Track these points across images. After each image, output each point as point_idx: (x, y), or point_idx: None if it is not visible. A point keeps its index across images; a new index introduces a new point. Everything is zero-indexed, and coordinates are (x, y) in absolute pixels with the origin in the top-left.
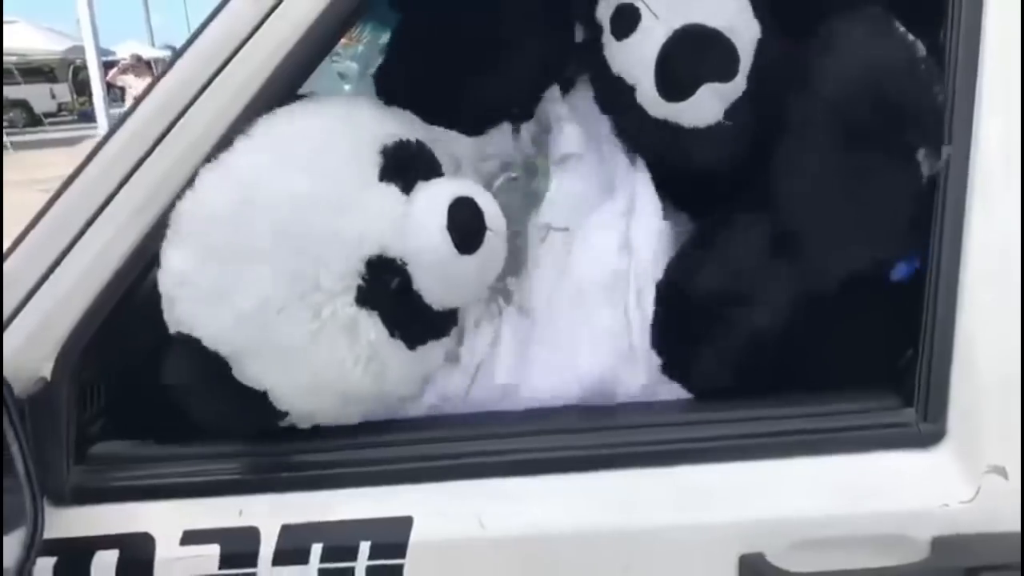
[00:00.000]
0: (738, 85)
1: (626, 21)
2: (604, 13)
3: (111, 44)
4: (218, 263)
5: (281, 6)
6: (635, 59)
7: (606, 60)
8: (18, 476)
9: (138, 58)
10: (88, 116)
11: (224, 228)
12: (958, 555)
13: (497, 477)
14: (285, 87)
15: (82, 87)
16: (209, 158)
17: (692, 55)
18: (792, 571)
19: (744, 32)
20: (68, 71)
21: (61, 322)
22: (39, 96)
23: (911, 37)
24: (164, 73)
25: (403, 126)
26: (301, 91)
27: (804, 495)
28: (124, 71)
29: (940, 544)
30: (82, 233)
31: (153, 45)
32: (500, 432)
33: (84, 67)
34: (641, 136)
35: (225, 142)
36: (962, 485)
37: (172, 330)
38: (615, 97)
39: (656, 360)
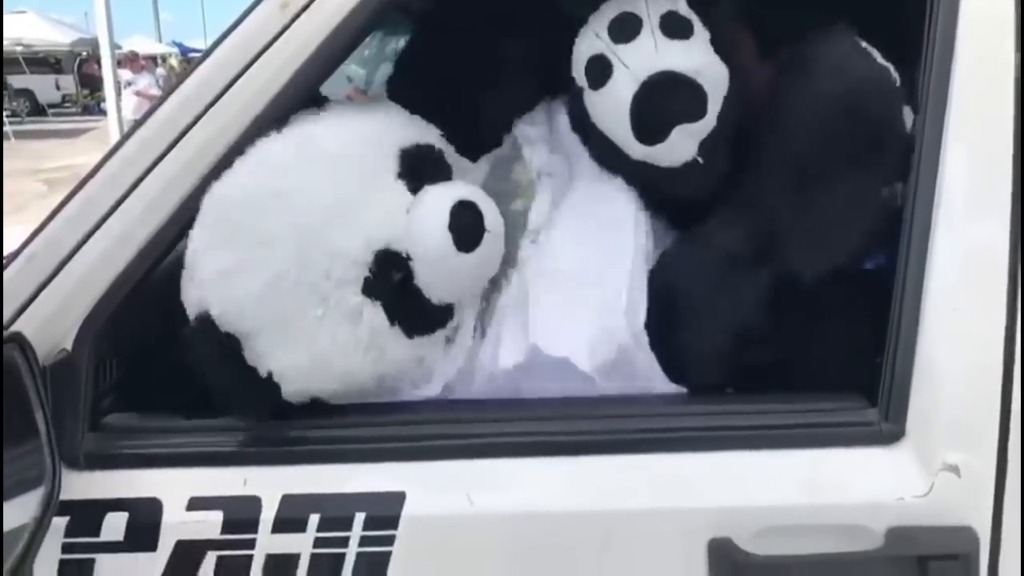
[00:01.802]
0: (708, 123)
1: (599, 72)
2: (579, 65)
3: (119, 39)
4: (237, 246)
5: (307, 12)
6: (611, 107)
7: (587, 109)
8: (40, 439)
9: (135, 53)
10: (91, 109)
11: (245, 213)
12: (910, 545)
13: (486, 458)
14: (305, 88)
15: (87, 80)
16: (230, 151)
17: (663, 100)
18: (757, 554)
19: (710, 73)
20: (74, 63)
21: (84, 298)
22: (44, 87)
23: (882, 62)
24: (192, 69)
25: (423, 132)
26: None
27: (771, 485)
28: (119, 65)
29: (894, 534)
30: (108, 216)
31: (160, 41)
32: (490, 416)
33: (87, 59)
34: (624, 177)
35: (246, 137)
36: (918, 481)
37: (189, 308)
38: (598, 143)
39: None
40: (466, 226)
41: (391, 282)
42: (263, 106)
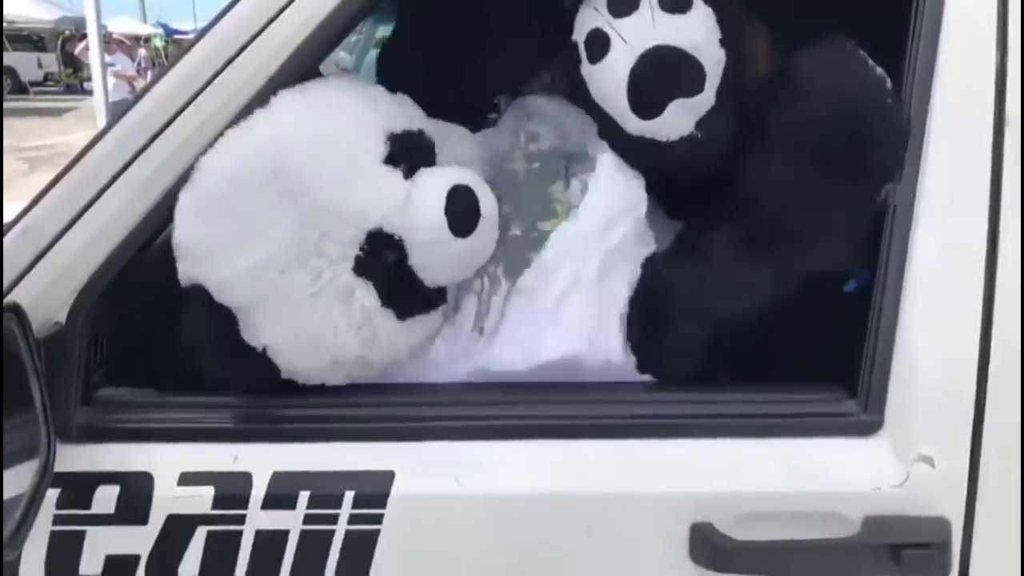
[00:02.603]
0: (706, 99)
1: (598, 46)
2: (579, 38)
3: (104, 18)
4: (231, 221)
5: None
6: (609, 81)
7: (584, 82)
8: (35, 410)
9: (109, 35)
10: (74, 88)
11: (238, 188)
12: (885, 533)
13: (475, 440)
14: (303, 67)
15: (69, 59)
16: (227, 129)
17: (660, 74)
18: (737, 539)
19: (709, 51)
20: (57, 41)
21: (78, 272)
22: (26, 64)
23: (877, 68)
24: (191, 46)
25: (408, 116)
26: None
27: (753, 473)
28: None
29: (870, 522)
30: (103, 191)
31: (145, 21)
32: (479, 399)
33: (71, 38)
34: (621, 151)
35: (243, 115)
36: (893, 471)
37: (183, 280)
38: (596, 118)
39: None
40: (461, 211)
41: (383, 263)
42: (261, 85)
